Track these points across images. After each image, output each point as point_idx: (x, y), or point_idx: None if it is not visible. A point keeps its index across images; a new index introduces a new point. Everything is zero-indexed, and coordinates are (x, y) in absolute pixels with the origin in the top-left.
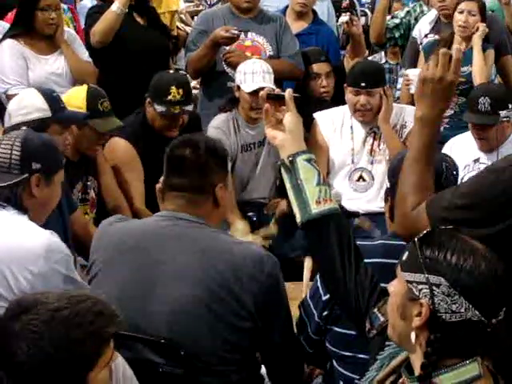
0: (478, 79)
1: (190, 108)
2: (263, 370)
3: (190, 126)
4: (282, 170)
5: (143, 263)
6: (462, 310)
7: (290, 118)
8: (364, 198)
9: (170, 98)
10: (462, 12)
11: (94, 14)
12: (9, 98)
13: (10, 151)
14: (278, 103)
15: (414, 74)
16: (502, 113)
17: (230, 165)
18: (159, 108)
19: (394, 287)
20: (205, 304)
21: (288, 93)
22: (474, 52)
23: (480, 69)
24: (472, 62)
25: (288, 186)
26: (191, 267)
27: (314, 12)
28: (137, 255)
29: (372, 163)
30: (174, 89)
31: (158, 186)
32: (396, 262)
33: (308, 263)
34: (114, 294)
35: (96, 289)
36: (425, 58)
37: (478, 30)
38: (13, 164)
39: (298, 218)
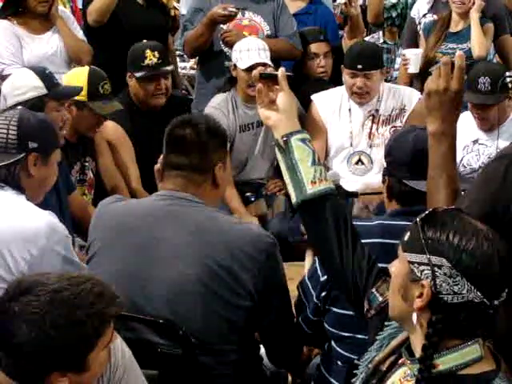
0: (476, 51)
1: (169, 68)
2: (262, 350)
3: (178, 110)
4: (277, 151)
5: (142, 243)
6: (464, 292)
7: (284, 97)
8: (362, 181)
9: (147, 62)
10: None
11: None
12: (3, 78)
13: (6, 131)
14: (271, 82)
15: (411, 53)
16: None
17: (228, 145)
18: (139, 74)
19: (396, 268)
20: (204, 283)
21: (281, 71)
22: (471, 25)
23: (478, 41)
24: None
25: (283, 166)
26: (190, 246)
27: None
28: (136, 235)
29: (371, 147)
30: (148, 52)
31: (157, 166)
32: (394, 241)
33: (309, 256)
34: (113, 273)
35: (95, 268)
36: (425, 38)
37: (474, 4)
38: (10, 143)
39: (294, 199)
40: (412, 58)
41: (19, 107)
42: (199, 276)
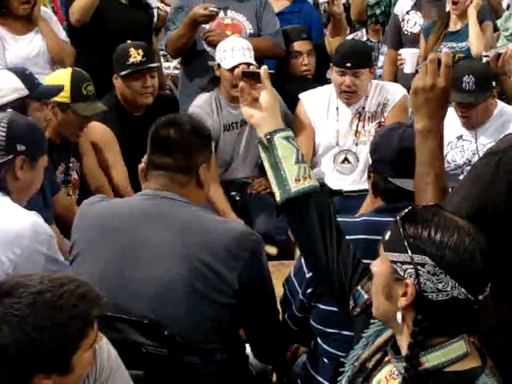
0: (474, 49)
1: (154, 65)
2: (248, 349)
3: (167, 108)
4: (260, 149)
5: (126, 242)
6: (448, 289)
7: (266, 95)
8: (348, 180)
9: (131, 60)
10: None
11: None
12: None
13: None
14: (253, 81)
15: (407, 52)
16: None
17: (213, 145)
18: (124, 72)
19: (377, 267)
20: (188, 282)
21: (263, 70)
22: (469, 23)
23: (476, 39)
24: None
25: (266, 164)
26: (174, 245)
27: None
28: (120, 234)
29: (357, 144)
30: (133, 50)
31: (141, 165)
32: (379, 238)
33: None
34: (98, 273)
35: (79, 268)
36: (424, 39)
37: (471, 2)
38: None
39: (278, 197)
40: (408, 58)
41: (9, 110)
42: (183, 275)
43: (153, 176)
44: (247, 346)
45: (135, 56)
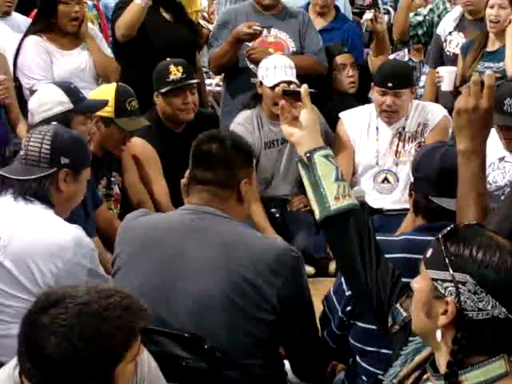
0: (510, 70)
1: (194, 81)
2: (287, 366)
3: (208, 125)
4: (300, 167)
5: (167, 256)
6: (489, 308)
7: (306, 114)
8: (388, 199)
9: (171, 77)
10: (492, 7)
11: (120, 8)
12: (33, 93)
13: (39, 145)
14: (294, 99)
15: (444, 70)
16: None
17: (254, 161)
18: (164, 89)
19: (418, 284)
20: (228, 297)
21: (303, 89)
22: (506, 44)
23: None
24: None
25: (306, 182)
26: (215, 261)
27: (337, 8)
28: (161, 248)
29: (397, 164)
30: (172, 67)
31: (183, 181)
32: (418, 256)
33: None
34: (138, 286)
35: (121, 281)
36: (462, 58)
37: (510, 22)
38: (42, 158)
39: (317, 215)
40: (445, 76)
41: (53, 123)
42: (224, 290)
43: (194, 191)
44: (286, 362)
45: (175, 73)
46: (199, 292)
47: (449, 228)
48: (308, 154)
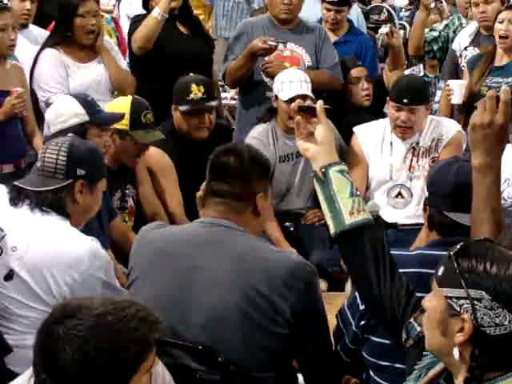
0: None
1: (213, 103)
2: (300, 380)
3: (221, 138)
4: (315, 182)
5: (182, 269)
6: (506, 323)
7: (322, 129)
8: (402, 214)
9: (192, 96)
10: (502, 22)
11: (137, 22)
12: (49, 106)
13: (56, 156)
14: (309, 115)
15: (455, 83)
16: None
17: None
18: (183, 108)
19: (431, 303)
20: (242, 310)
21: (319, 104)
22: None
23: None
24: None
25: (321, 197)
26: (229, 274)
27: (350, 21)
28: (175, 261)
29: (411, 179)
30: (194, 86)
31: (199, 193)
32: (433, 271)
33: (348, 285)
34: (153, 298)
35: (136, 293)
36: (469, 72)
37: None
38: (58, 169)
39: (332, 230)
40: (456, 89)
41: (69, 134)
42: (238, 303)
43: (210, 203)
44: (299, 376)
45: (196, 93)
46: (213, 305)
47: (459, 245)
48: (323, 170)
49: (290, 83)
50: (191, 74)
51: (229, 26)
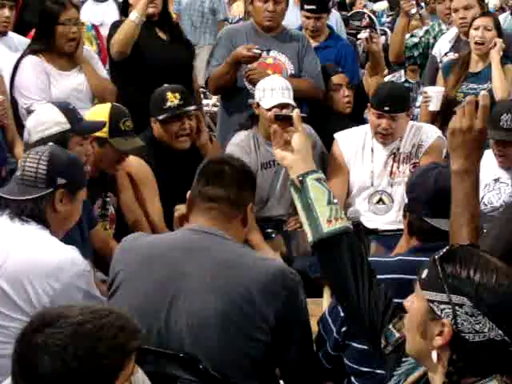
0: (498, 94)
1: (191, 108)
2: None
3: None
4: (292, 191)
5: (167, 275)
6: (486, 330)
7: (298, 138)
8: (383, 220)
9: (168, 104)
10: (477, 28)
11: (116, 27)
12: (30, 113)
13: (36, 165)
14: (286, 124)
15: (432, 90)
16: None
17: None
18: (162, 116)
19: (413, 305)
20: (226, 317)
21: (295, 113)
22: (492, 67)
23: (500, 84)
24: (491, 79)
25: (298, 206)
26: (215, 281)
27: (330, 27)
28: (160, 268)
29: (392, 185)
30: (169, 94)
31: (179, 212)
32: (413, 277)
33: (327, 293)
34: (136, 305)
35: (119, 300)
36: (443, 77)
37: (495, 45)
38: (39, 178)
39: (310, 238)
40: (433, 96)
41: (50, 143)
42: (222, 310)
43: (201, 209)
44: (281, 382)
45: (172, 100)
46: (197, 312)
47: (445, 249)
48: (300, 178)
49: (272, 91)
50: (165, 85)
51: (193, 36)
